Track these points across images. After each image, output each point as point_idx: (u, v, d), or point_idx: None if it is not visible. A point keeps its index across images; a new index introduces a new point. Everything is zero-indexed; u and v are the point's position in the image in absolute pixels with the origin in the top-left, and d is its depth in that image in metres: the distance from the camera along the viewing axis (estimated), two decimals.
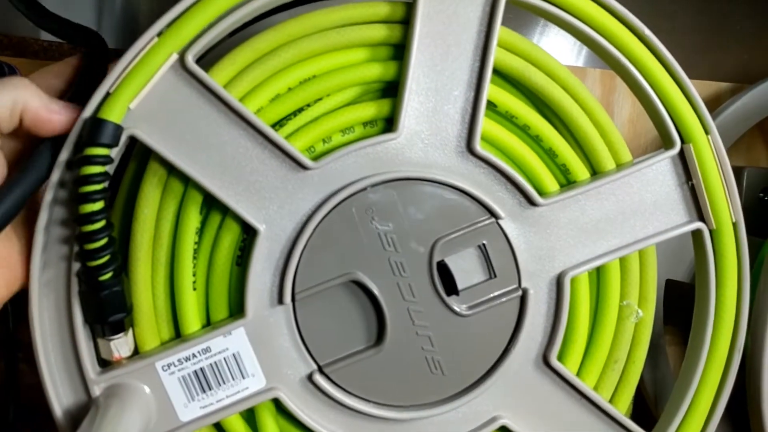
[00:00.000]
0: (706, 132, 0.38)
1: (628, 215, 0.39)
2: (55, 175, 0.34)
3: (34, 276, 0.35)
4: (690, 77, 0.38)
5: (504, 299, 0.39)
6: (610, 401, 0.41)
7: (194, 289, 0.38)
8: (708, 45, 0.67)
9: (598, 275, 0.40)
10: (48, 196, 0.34)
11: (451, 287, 0.38)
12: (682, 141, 0.39)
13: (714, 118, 0.58)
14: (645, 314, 0.41)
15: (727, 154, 0.39)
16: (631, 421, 0.41)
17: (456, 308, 0.38)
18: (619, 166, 0.39)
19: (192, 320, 0.37)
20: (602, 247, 0.39)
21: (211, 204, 0.37)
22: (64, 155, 0.34)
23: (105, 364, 0.37)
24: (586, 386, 0.40)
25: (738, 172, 0.61)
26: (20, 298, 0.36)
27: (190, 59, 0.34)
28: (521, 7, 0.38)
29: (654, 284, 0.41)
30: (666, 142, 0.39)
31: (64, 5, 0.59)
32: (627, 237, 0.39)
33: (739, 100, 0.60)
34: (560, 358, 0.40)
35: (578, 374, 0.40)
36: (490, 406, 0.39)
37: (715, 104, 0.63)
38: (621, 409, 0.41)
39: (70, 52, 0.56)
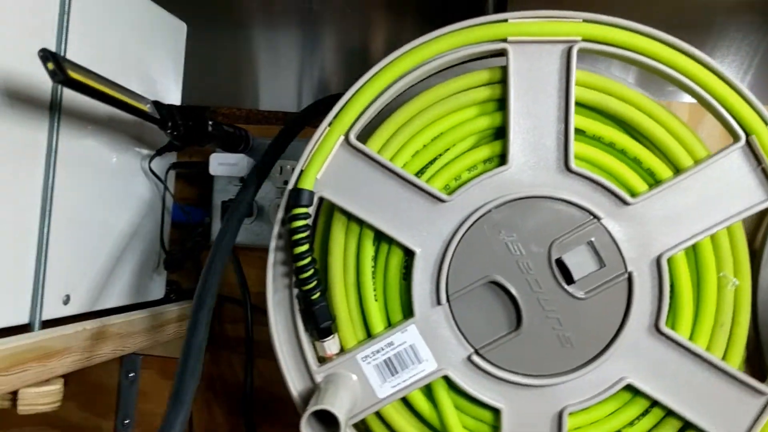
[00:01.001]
0: (765, 123, 0.46)
1: (711, 201, 0.47)
2: (275, 230, 0.50)
3: (269, 299, 0.51)
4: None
5: (614, 283, 0.48)
6: (723, 359, 0.48)
7: (375, 300, 0.52)
8: None
9: (695, 252, 0.49)
10: (272, 245, 0.50)
11: (569, 278, 0.49)
12: (746, 134, 0.47)
13: None
14: (741, 283, 0.48)
15: None
16: (745, 375, 0.48)
17: (576, 294, 0.49)
18: (697, 162, 0.48)
19: (377, 323, 0.51)
20: (691, 231, 0.47)
21: (380, 237, 0.51)
22: (279, 214, 0.50)
23: (321, 360, 0.52)
24: (698, 347, 0.48)
25: None
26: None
27: (352, 137, 0.49)
28: (592, 53, 0.49)
29: (746, 256, 0.48)
30: (733, 137, 0.47)
31: (274, 79, 0.79)
32: (712, 219, 0.47)
33: None
34: (672, 325, 0.49)
35: (690, 338, 0.49)
36: (615, 371, 0.49)
37: None
38: (734, 365, 0.48)
39: (283, 118, 0.75)
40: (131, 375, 0.76)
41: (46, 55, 0.39)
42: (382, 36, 0.80)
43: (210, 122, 0.59)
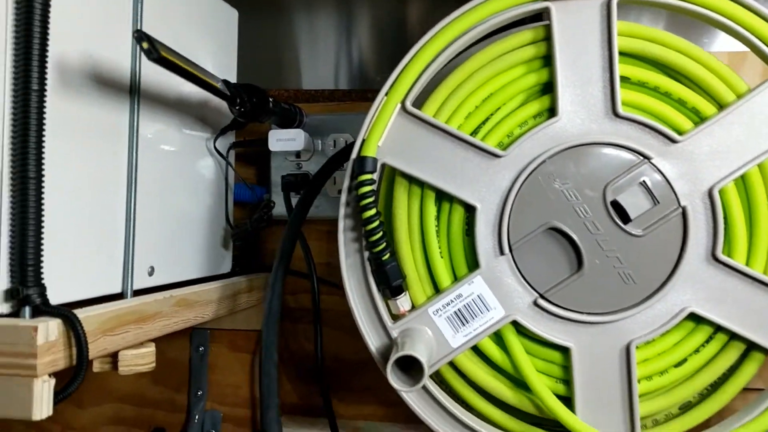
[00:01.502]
0: None
1: (755, 132, 0.50)
2: (342, 198, 0.53)
3: (342, 263, 0.54)
4: None
5: (669, 218, 0.51)
6: None
7: (441, 256, 0.55)
8: None
9: (744, 182, 0.51)
10: (341, 212, 0.54)
11: (625, 217, 0.52)
12: None
13: None
14: None
15: None
16: None
17: (633, 232, 0.51)
18: (739, 96, 0.50)
19: (445, 278, 0.54)
20: (738, 162, 0.50)
21: (441, 196, 0.54)
22: (345, 183, 0.53)
23: (395, 317, 0.55)
24: (756, 272, 0.50)
25: None
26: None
27: (408, 105, 0.52)
28: (632, 3, 0.51)
29: None
30: None
31: (313, 60, 0.83)
32: (757, 149, 0.50)
33: None
34: (729, 253, 0.51)
35: (747, 263, 0.51)
36: (677, 301, 0.51)
37: None
38: None
39: (329, 96, 0.79)
40: (201, 349, 0.80)
41: (141, 36, 0.43)
42: (415, 13, 0.83)
43: (271, 99, 0.62)
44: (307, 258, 0.70)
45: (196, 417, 0.81)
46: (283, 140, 0.68)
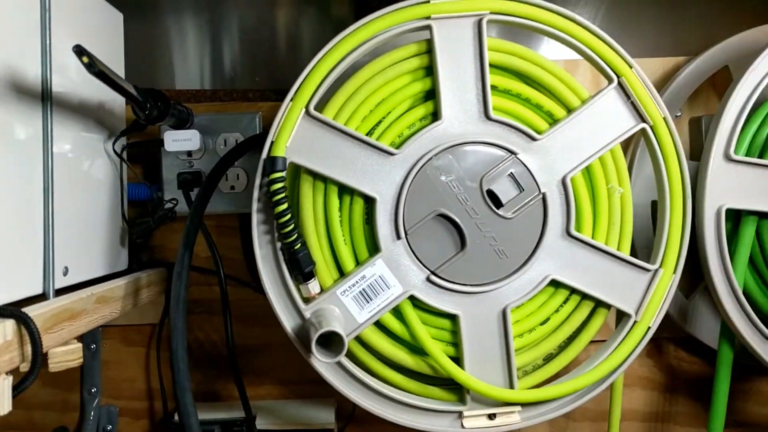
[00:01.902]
0: (630, 66, 0.61)
1: (597, 130, 0.62)
2: (255, 194, 0.59)
3: (257, 254, 0.59)
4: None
5: (532, 202, 0.62)
6: (617, 249, 0.63)
7: (345, 243, 0.62)
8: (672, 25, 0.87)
9: (588, 171, 0.63)
10: (253, 207, 0.59)
11: (498, 203, 0.61)
12: (617, 76, 0.61)
13: (675, 78, 0.79)
14: (624, 190, 0.63)
15: (688, 105, 0.61)
16: (635, 258, 0.63)
17: (505, 215, 0.61)
18: (583, 102, 0.62)
19: (349, 262, 0.61)
20: (584, 155, 0.61)
21: (343, 190, 0.61)
22: (257, 181, 0.58)
23: (306, 300, 0.61)
24: (599, 243, 0.62)
25: (698, 120, 0.80)
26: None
27: (311, 109, 0.59)
28: (498, 23, 0.61)
29: (625, 170, 0.63)
30: (608, 80, 0.62)
31: (184, 61, 0.86)
32: (598, 144, 0.62)
33: (694, 62, 0.80)
34: (578, 229, 0.63)
35: (592, 236, 0.63)
36: (541, 271, 0.62)
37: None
38: (626, 252, 0.63)
39: (210, 96, 0.82)
40: (93, 347, 0.81)
41: (81, 50, 0.45)
42: (283, 19, 0.88)
43: (172, 103, 0.65)
44: (213, 251, 0.73)
45: (92, 414, 0.82)
46: (179, 141, 0.72)
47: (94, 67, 0.46)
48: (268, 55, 0.88)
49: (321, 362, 0.60)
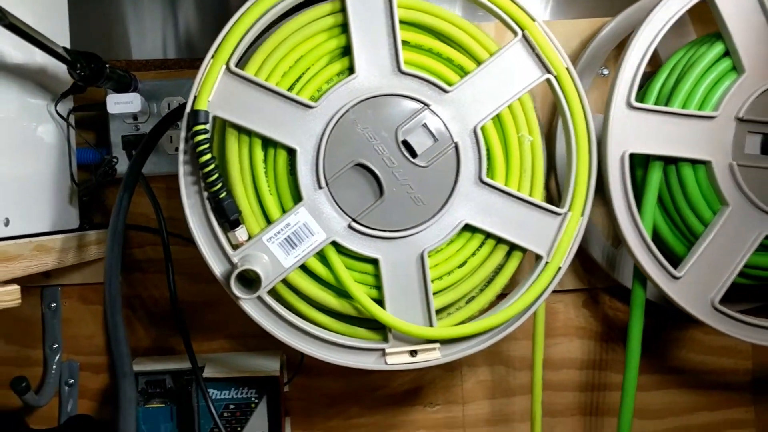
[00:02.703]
0: (533, 20, 0.64)
1: (505, 81, 0.65)
2: (181, 147, 0.63)
3: (185, 203, 0.63)
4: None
5: (446, 152, 0.65)
6: (529, 195, 0.67)
7: (270, 193, 0.66)
8: None
9: (499, 120, 0.67)
10: (180, 159, 0.63)
11: (413, 153, 0.65)
12: (522, 30, 0.65)
13: (596, 36, 0.83)
14: (534, 138, 0.67)
15: (605, 65, 0.64)
16: (546, 203, 0.67)
17: (420, 164, 0.65)
18: (491, 55, 0.65)
19: (275, 211, 0.65)
20: (493, 105, 0.65)
21: (267, 143, 0.65)
22: (182, 134, 0.62)
23: (235, 247, 0.65)
24: (511, 189, 0.66)
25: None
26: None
27: (232, 65, 0.62)
28: None
29: (534, 119, 0.67)
30: (513, 33, 0.65)
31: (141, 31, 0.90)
32: (507, 95, 0.65)
33: (614, 20, 0.82)
34: (491, 176, 0.66)
35: (505, 183, 0.67)
36: (456, 216, 0.66)
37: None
38: (538, 198, 0.67)
39: (160, 65, 0.86)
40: (53, 305, 0.86)
41: None
42: None
43: (107, 65, 0.69)
44: (156, 210, 0.77)
45: (54, 368, 0.86)
46: (121, 103, 0.75)
47: (4, 19, 0.50)
48: (218, 25, 0.92)
49: (244, 300, 0.64)
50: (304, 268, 0.66)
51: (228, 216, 0.64)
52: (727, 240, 0.68)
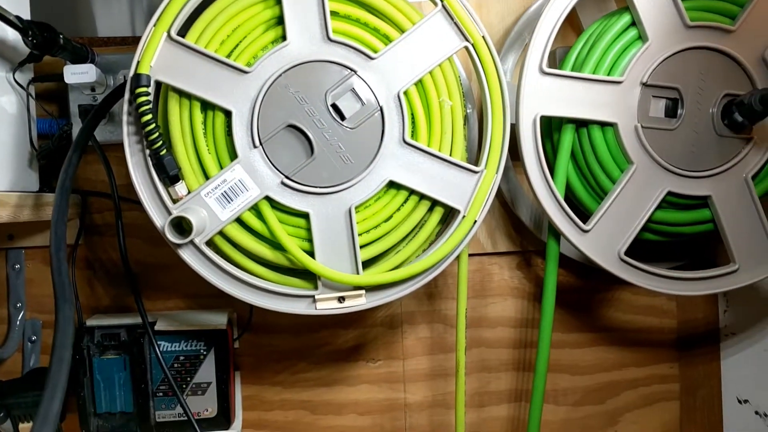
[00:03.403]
0: None
1: (426, 49, 0.71)
2: (124, 107, 0.68)
3: (128, 160, 0.69)
4: None
5: (372, 115, 0.71)
6: (450, 155, 0.73)
7: (209, 152, 0.71)
8: None
9: (422, 86, 0.72)
10: (124, 119, 0.68)
11: (342, 116, 0.71)
12: (441, 1, 0.70)
13: (525, 11, 0.88)
14: (453, 103, 0.72)
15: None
16: (465, 163, 0.72)
17: (348, 126, 0.71)
18: (414, 24, 0.71)
19: (213, 169, 0.71)
20: (415, 72, 0.71)
21: (206, 106, 0.70)
22: (126, 96, 0.68)
23: (175, 201, 0.71)
24: (432, 149, 0.72)
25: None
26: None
27: (173, 33, 0.68)
28: None
29: (456, 85, 0.72)
30: (434, 4, 0.71)
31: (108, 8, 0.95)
32: (429, 62, 0.71)
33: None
34: (415, 138, 0.72)
35: (428, 144, 0.72)
36: (381, 174, 0.72)
37: None
38: (457, 158, 0.73)
39: (121, 42, 0.91)
40: (17, 267, 0.91)
41: None
42: None
43: (60, 35, 0.75)
44: (109, 174, 0.83)
45: (17, 326, 0.92)
46: (77, 73, 0.81)
47: None
48: None
49: (182, 249, 0.70)
50: (240, 222, 0.72)
51: (168, 171, 0.69)
52: (633, 195, 0.74)
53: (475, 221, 0.73)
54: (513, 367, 0.96)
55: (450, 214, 0.77)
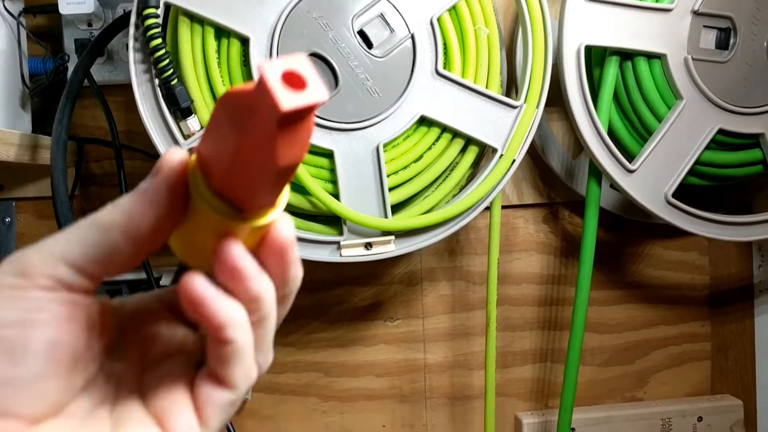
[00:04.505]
0: None
1: None
2: (131, 32, 0.61)
3: (136, 92, 0.62)
4: None
5: (402, 43, 0.65)
6: (486, 87, 0.67)
7: (224, 84, 0.65)
8: None
9: (455, 12, 0.66)
10: (130, 44, 0.62)
11: (369, 44, 0.65)
12: None
13: None
14: (490, 31, 0.66)
15: None
16: (502, 96, 0.67)
17: (376, 55, 0.65)
18: None
19: None
20: None
21: (220, 33, 0.64)
22: (132, 19, 0.61)
23: (187, 137, 0.64)
24: (467, 81, 0.66)
25: None
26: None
27: None
28: None
29: (491, 12, 0.66)
30: None
31: None
32: None
33: None
34: (447, 68, 0.66)
35: (462, 75, 0.66)
36: (412, 109, 0.66)
37: None
38: (494, 91, 0.67)
39: None
40: (7, 220, 0.84)
41: None
42: None
43: None
44: (109, 120, 0.76)
45: None
46: (73, 3, 0.74)
47: None
48: None
49: None
50: None
51: (179, 103, 0.63)
52: (681, 134, 0.69)
53: (514, 161, 0.67)
54: (538, 326, 0.91)
55: (482, 157, 0.71)
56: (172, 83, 0.62)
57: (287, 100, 0.22)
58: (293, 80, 0.22)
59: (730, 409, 0.90)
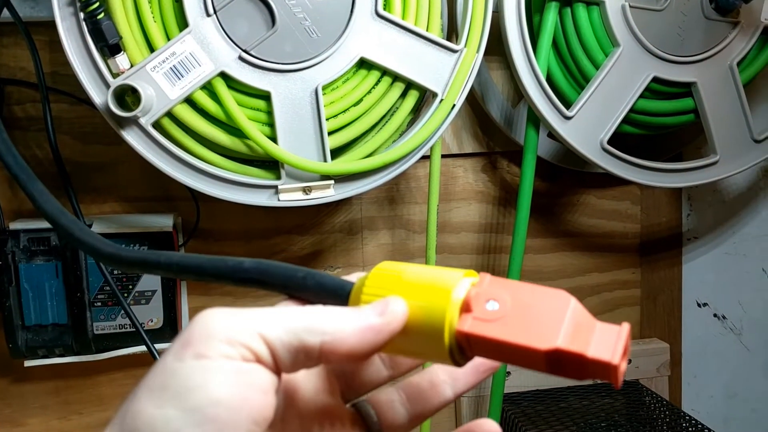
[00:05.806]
0: None
1: None
2: None
3: (59, 26, 0.59)
4: None
5: None
6: (426, 30, 0.66)
7: (154, 21, 0.62)
8: None
9: None
10: None
11: None
12: None
13: None
14: None
15: None
16: (443, 39, 0.66)
17: None
18: None
19: (159, 39, 0.62)
20: None
21: None
22: None
23: (116, 76, 0.61)
24: (408, 23, 0.65)
25: None
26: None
27: None
28: None
29: None
30: None
31: None
32: None
33: None
34: (387, 10, 0.65)
35: (402, 17, 0.65)
36: (351, 50, 0.64)
37: None
38: (435, 34, 0.66)
39: None
40: None
41: None
42: None
43: None
44: (36, 61, 0.71)
45: None
46: None
47: None
48: None
49: (128, 132, 0.61)
50: (192, 103, 0.64)
51: (107, 39, 0.59)
52: (617, 81, 0.69)
53: (454, 105, 0.67)
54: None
55: (423, 103, 0.71)
56: (99, 17, 0.59)
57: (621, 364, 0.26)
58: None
59: (657, 351, 0.94)
